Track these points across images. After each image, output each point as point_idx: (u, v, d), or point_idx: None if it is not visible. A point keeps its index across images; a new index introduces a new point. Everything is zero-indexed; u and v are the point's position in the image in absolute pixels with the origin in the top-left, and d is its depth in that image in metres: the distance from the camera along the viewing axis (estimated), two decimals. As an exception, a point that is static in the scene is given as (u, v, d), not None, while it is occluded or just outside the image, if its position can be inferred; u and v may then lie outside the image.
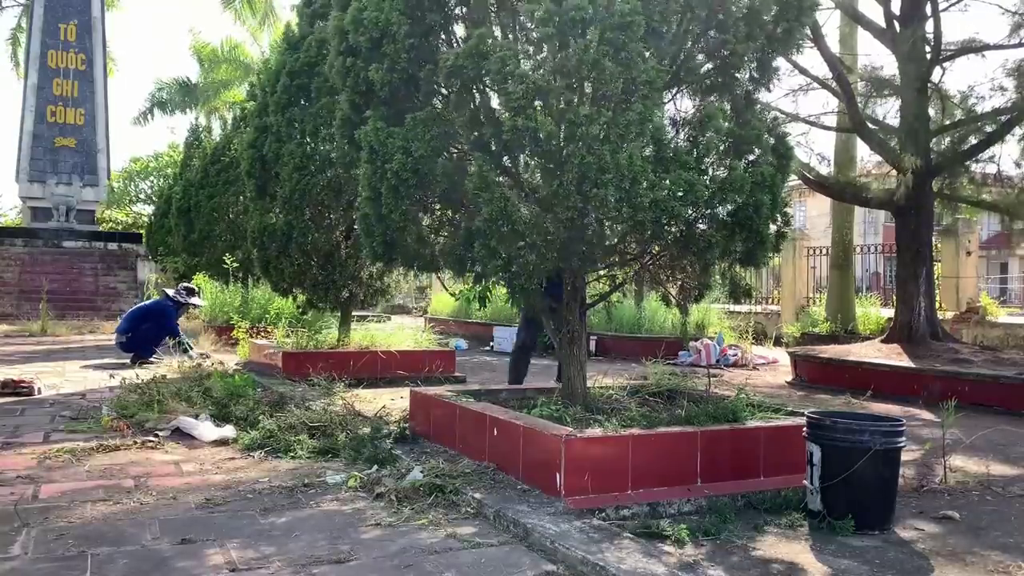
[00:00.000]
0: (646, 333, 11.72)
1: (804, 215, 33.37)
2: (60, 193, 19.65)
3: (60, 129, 20.06)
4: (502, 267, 3.91)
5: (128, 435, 4.86)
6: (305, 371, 6.76)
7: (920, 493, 3.96)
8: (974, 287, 12.94)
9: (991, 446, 5.01)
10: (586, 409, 4.21)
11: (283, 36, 8.78)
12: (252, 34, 28.13)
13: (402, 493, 3.56)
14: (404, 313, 20.84)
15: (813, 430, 3.47)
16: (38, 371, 8.02)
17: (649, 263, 4.45)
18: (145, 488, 3.74)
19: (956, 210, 11.20)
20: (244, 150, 8.87)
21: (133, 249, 19.17)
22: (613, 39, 3.53)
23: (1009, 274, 33.77)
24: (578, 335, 4.35)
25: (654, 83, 3.60)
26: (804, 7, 4.09)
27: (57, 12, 20.11)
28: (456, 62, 3.70)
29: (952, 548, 3.15)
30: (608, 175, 3.51)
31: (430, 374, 7.54)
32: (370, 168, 4.15)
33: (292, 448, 4.40)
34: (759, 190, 3.86)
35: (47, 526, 3.14)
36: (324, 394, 5.90)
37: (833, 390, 7.52)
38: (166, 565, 2.74)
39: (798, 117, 10.30)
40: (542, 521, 3.06)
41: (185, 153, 17.69)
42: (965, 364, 7.43)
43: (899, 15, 8.93)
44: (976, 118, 9.09)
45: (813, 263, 15.11)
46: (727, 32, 3.90)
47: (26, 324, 14.52)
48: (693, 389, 4.77)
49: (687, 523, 3.20)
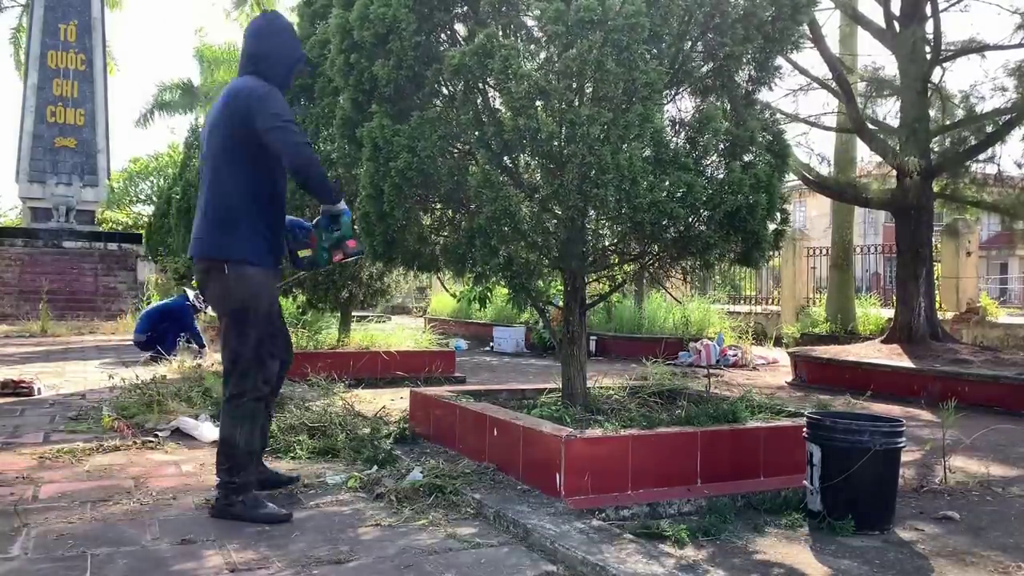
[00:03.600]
0: (646, 333, 11.73)
1: (804, 215, 33.40)
2: (60, 193, 19.65)
3: (60, 129, 20.06)
4: (503, 266, 3.91)
5: (128, 435, 4.86)
6: (305, 371, 6.76)
7: (920, 493, 3.96)
8: (974, 287, 12.93)
9: (991, 446, 5.01)
10: (586, 409, 4.21)
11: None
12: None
13: (402, 494, 3.56)
14: (404, 313, 20.84)
15: (813, 430, 3.47)
16: (38, 371, 8.02)
17: (649, 263, 4.45)
18: (145, 488, 3.74)
19: (956, 210, 11.19)
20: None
21: (133, 249, 19.17)
22: (617, 40, 3.54)
23: (1009, 274, 33.78)
24: (578, 335, 4.36)
25: (655, 84, 3.60)
26: (799, 6, 4.09)
27: (57, 12, 20.10)
28: (462, 60, 3.70)
29: (952, 548, 3.15)
30: (608, 175, 3.51)
31: (430, 374, 7.54)
32: (372, 166, 4.15)
33: (292, 448, 4.40)
34: (755, 191, 3.86)
35: (47, 526, 3.14)
36: (324, 394, 5.89)
37: (833, 390, 7.52)
38: (166, 565, 2.74)
39: (798, 117, 10.30)
40: (542, 521, 3.06)
41: (185, 153, 17.67)
42: (965, 364, 7.43)
43: (899, 15, 8.93)
44: (976, 118, 9.09)
45: (813, 263, 15.11)
46: (725, 34, 3.90)
47: (26, 324, 14.53)
48: (693, 389, 4.77)
49: (687, 523, 3.21)
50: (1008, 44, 8.95)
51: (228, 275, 3.30)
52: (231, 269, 3.29)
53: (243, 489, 3.28)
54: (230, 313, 3.35)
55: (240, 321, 3.33)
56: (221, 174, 3.36)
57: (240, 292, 3.31)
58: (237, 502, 3.25)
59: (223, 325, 3.40)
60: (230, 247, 3.32)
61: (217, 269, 3.33)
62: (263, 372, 3.38)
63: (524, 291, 4.20)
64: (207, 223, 3.37)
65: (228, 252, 3.32)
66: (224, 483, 3.30)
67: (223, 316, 3.41)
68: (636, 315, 12.14)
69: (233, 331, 3.34)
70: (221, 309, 3.43)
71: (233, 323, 3.34)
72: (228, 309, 3.36)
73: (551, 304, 4.82)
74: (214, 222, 3.35)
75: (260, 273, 3.35)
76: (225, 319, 3.39)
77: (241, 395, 3.34)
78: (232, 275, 3.29)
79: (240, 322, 3.33)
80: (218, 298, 3.41)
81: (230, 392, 3.36)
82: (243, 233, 3.32)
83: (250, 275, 3.32)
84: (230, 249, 3.32)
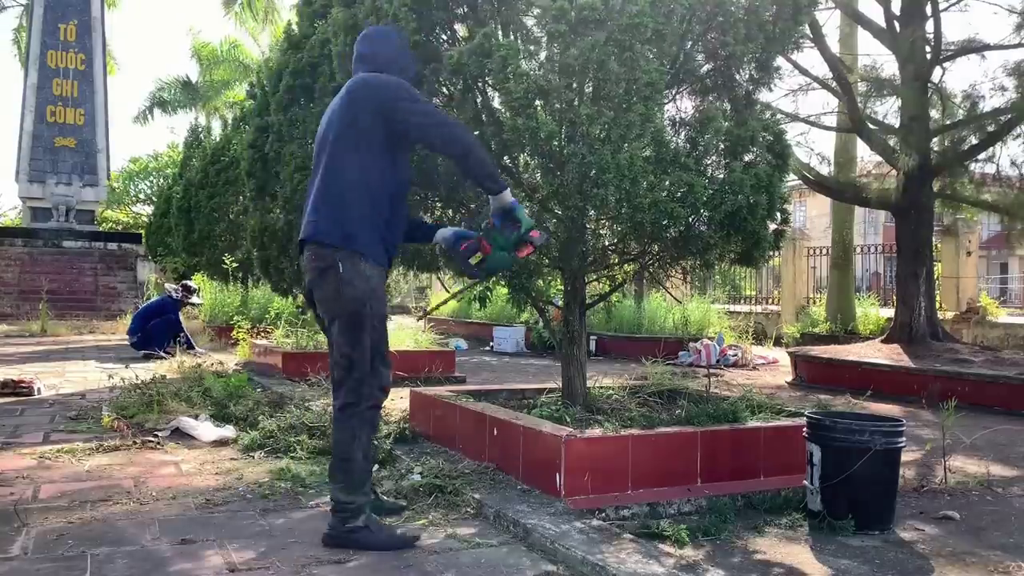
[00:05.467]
0: (646, 333, 11.72)
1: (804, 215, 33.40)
2: (60, 193, 19.67)
3: (60, 129, 20.09)
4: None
5: (128, 435, 4.86)
6: (305, 371, 6.75)
7: (920, 493, 3.96)
8: (974, 287, 12.94)
9: (991, 446, 5.01)
10: (586, 409, 4.21)
11: (285, 35, 8.78)
12: (251, 34, 28.16)
13: (402, 493, 3.56)
14: (404, 313, 20.83)
15: (813, 430, 3.47)
16: (38, 371, 8.02)
17: (649, 263, 4.45)
18: (145, 488, 3.74)
19: (956, 210, 11.19)
20: (244, 150, 8.86)
21: (133, 249, 19.18)
22: (620, 40, 3.54)
23: (1009, 274, 33.80)
24: (578, 335, 4.35)
25: (656, 84, 3.60)
26: (801, 6, 4.09)
27: (57, 12, 20.13)
28: (460, 60, 3.70)
29: (952, 548, 3.15)
30: (608, 175, 3.51)
31: (430, 374, 7.53)
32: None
33: (292, 448, 4.40)
34: (755, 191, 3.86)
35: (47, 526, 3.14)
36: (324, 394, 5.89)
37: (833, 390, 7.52)
38: (166, 565, 2.74)
39: (798, 117, 10.29)
40: (542, 521, 3.06)
41: (185, 153, 17.66)
42: (965, 364, 7.43)
43: (899, 15, 8.92)
44: (976, 118, 9.08)
45: (813, 263, 15.11)
46: (727, 34, 3.90)
47: (26, 324, 14.53)
48: (693, 389, 4.77)
49: (687, 523, 3.20)
50: (1008, 44, 8.96)
51: (341, 272, 3.00)
52: (344, 264, 3.01)
53: (361, 511, 2.98)
54: (343, 316, 3.04)
55: (354, 324, 3.02)
56: (338, 161, 3.10)
57: (354, 291, 3.00)
58: (358, 527, 2.95)
59: (333, 329, 3.08)
60: (343, 235, 3.03)
61: (331, 267, 3.02)
62: (379, 378, 3.11)
63: (524, 291, 4.20)
64: (322, 208, 3.10)
65: (341, 240, 3.03)
66: (341, 505, 2.98)
67: (333, 319, 3.08)
68: (636, 315, 12.13)
69: (346, 335, 3.03)
70: (333, 311, 3.08)
71: (346, 327, 3.03)
72: (341, 311, 3.05)
73: (551, 304, 4.81)
74: (328, 207, 3.09)
75: (374, 270, 3.06)
76: (337, 323, 3.06)
77: (357, 403, 3.03)
78: (345, 272, 3.00)
79: (354, 325, 3.02)
80: (329, 299, 3.08)
81: (344, 400, 3.04)
82: (358, 224, 3.04)
83: (365, 272, 3.03)
84: (343, 237, 3.03)
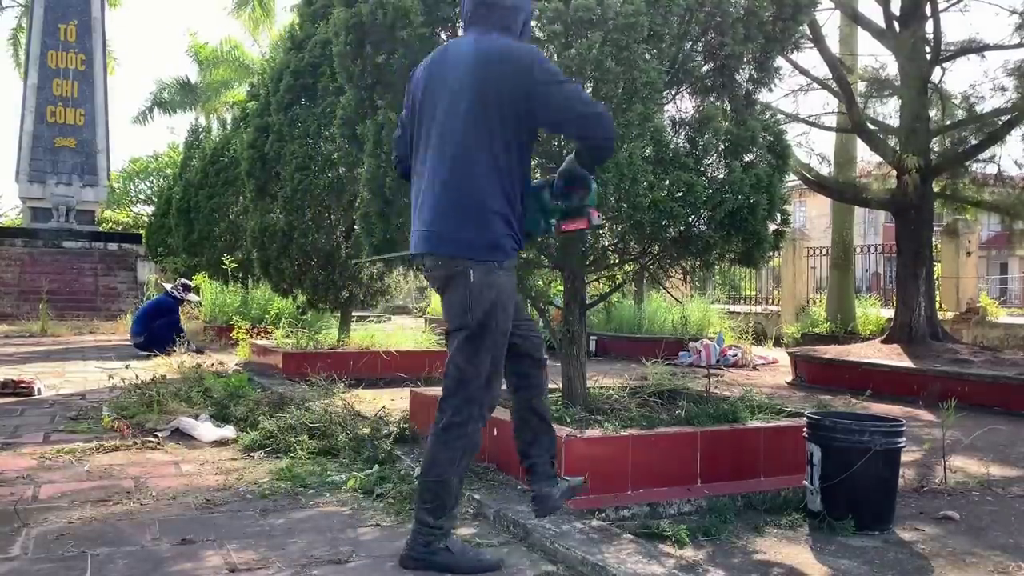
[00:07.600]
0: (646, 333, 11.72)
1: (804, 215, 33.39)
2: (60, 193, 19.67)
3: (60, 129, 20.08)
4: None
5: (128, 435, 4.86)
6: (305, 371, 6.75)
7: (920, 493, 3.96)
8: (974, 287, 12.93)
9: (991, 446, 5.01)
10: (586, 409, 4.21)
11: (287, 36, 8.80)
12: (252, 34, 28.16)
13: (402, 494, 3.56)
14: (404, 314, 20.81)
15: (813, 430, 3.47)
16: (38, 371, 8.02)
17: (649, 263, 4.45)
18: (145, 488, 3.74)
19: (956, 210, 11.19)
20: (244, 150, 8.87)
21: (133, 249, 19.19)
22: (617, 40, 3.54)
23: (1009, 274, 33.78)
24: (578, 335, 4.35)
25: (655, 84, 3.60)
26: (801, 6, 4.09)
27: (57, 12, 20.13)
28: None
29: (952, 549, 3.15)
30: (608, 175, 3.51)
31: (430, 374, 7.53)
32: (373, 162, 4.14)
33: (292, 448, 4.40)
34: (755, 191, 3.86)
35: (47, 526, 3.14)
36: (324, 394, 5.89)
37: (833, 390, 7.52)
38: (166, 566, 2.74)
39: (798, 117, 10.29)
40: (542, 521, 3.06)
41: (185, 153, 17.69)
42: (965, 364, 7.43)
43: (899, 15, 8.93)
44: (976, 118, 9.08)
45: (813, 263, 15.10)
46: (726, 34, 3.90)
47: (26, 324, 14.52)
48: (693, 389, 4.76)
49: (687, 523, 3.21)
50: (1008, 44, 8.95)
51: (472, 282, 2.69)
52: (477, 275, 2.70)
53: (448, 535, 2.77)
54: (466, 327, 2.74)
55: (476, 337, 2.72)
56: (470, 153, 2.70)
57: (483, 305, 2.70)
58: (441, 550, 2.72)
59: (452, 339, 2.81)
60: (480, 246, 2.70)
61: (461, 274, 2.72)
62: (490, 397, 2.82)
63: (523, 291, 4.20)
64: (449, 212, 2.73)
65: (476, 252, 2.70)
66: (426, 526, 2.73)
67: (455, 330, 2.79)
68: (636, 315, 12.13)
69: (465, 348, 2.74)
70: (457, 322, 2.77)
71: (467, 339, 2.73)
72: (465, 323, 2.73)
73: (551, 304, 4.81)
74: (458, 212, 2.72)
75: (508, 280, 2.76)
76: (458, 333, 2.77)
77: (464, 423, 2.75)
78: (477, 283, 2.69)
79: (476, 338, 2.72)
80: (456, 309, 2.76)
81: (450, 419, 2.76)
82: (496, 229, 2.71)
83: (500, 284, 2.72)
84: (479, 249, 2.70)
